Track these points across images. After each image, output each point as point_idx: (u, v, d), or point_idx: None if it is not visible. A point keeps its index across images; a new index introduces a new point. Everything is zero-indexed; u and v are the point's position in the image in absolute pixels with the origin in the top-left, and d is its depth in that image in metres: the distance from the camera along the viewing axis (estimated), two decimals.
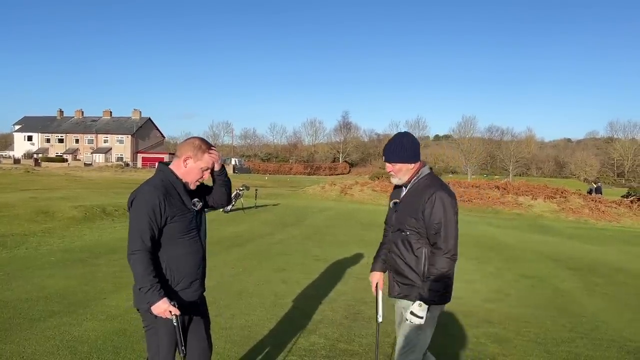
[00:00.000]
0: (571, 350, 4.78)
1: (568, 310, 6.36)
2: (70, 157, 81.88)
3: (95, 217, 12.79)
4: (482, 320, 5.66)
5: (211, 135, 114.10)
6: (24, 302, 5.46)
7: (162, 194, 2.55)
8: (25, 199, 15.25)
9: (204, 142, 2.74)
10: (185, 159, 2.67)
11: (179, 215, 2.61)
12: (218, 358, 4.10)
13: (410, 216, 2.94)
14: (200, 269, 2.77)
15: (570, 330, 5.42)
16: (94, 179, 36.99)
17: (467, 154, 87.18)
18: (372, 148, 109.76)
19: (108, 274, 7.06)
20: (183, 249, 2.65)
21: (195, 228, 2.74)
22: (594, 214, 22.62)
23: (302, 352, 4.37)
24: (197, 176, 2.70)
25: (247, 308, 5.67)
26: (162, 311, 2.44)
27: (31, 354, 4.02)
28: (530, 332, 5.29)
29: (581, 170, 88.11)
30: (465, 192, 26.35)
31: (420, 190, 2.96)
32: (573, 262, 10.33)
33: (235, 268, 7.86)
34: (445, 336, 5.04)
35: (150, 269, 2.46)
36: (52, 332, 4.55)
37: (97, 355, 4.06)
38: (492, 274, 8.59)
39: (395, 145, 3.05)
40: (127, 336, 4.51)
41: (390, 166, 3.05)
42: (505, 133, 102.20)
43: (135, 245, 2.48)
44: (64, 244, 9.31)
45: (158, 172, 2.71)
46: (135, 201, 2.55)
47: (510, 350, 4.68)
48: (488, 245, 12.03)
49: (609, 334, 5.36)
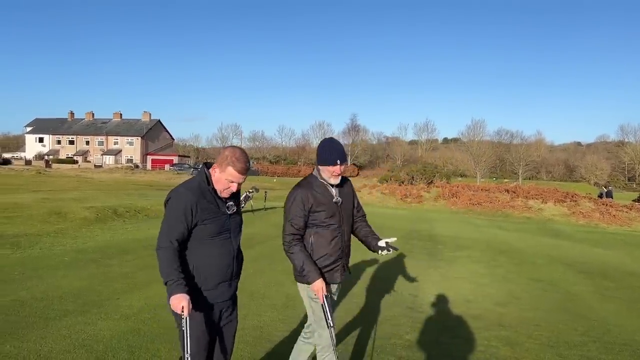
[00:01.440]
0: (583, 354, 4.77)
1: (579, 314, 6.34)
2: (81, 158, 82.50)
3: (107, 218, 12.91)
4: (493, 323, 5.66)
5: (220, 137, 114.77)
6: (39, 301, 5.53)
7: (197, 196, 2.62)
8: (37, 200, 15.42)
9: (233, 154, 2.72)
10: (215, 167, 2.73)
11: (212, 217, 2.68)
12: (232, 358, 4.12)
13: (351, 207, 3.55)
14: (230, 270, 2.82)
15: (582, 334, 5.41)
16: (105, 180, 37.28)
17: (476, 157, 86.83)
18: (380, 151, 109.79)
19: (121, 274, 7.13)
20: (211, 250, 2.70)
21: (228, 230, 2.79)
22: (604, 218, 22.46)
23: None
24: (223, 186, 2.73)
25: (259, 309, 5.71)
26: (176, 304, 2.45)
27: (47, 352, 4.08)
28: (542, 335, 5.29)
29: (591, 174, 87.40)
30: (474, 195, 26.26)
31: (346, 186, 3.53)
32: (584, 266, 10.28)
33: (246, 269, 7.87)
34: (455, 339, 5.06)
35: (176, 264, 2.51)
36: (67, 331, 4.62)
37: (112, 354, 4.12)
38: (503, 277, 8.56)
39: (341, 149, 3.37)
40: (141, 335, 4.57)
41: (343, 167, 3.33)
42: (515, 136, 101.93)
43: (164, 242, 2.55)
44: (76, 245, 9.41)
45: (198, 174, 2.78)
46: (170, 201, 2.63)
47: (522, 354, 4.68)
48: (498, 249, 12.00)
49: (621, 338, 5.34)
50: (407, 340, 4.93)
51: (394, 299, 6.52)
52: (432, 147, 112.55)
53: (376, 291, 6.88)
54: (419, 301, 6.50)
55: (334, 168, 3.29)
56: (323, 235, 3.34)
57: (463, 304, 6.49)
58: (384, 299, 6.53)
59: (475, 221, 20.25)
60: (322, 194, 3.34)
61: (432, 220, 19.33)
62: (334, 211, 3.35)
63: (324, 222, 3.33)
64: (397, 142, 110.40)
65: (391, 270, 8.44)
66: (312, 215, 3.31)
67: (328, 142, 3.39)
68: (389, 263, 8.99)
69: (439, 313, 5.99)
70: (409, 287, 7.26)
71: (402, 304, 6.30)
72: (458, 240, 13.21)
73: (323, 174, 3.35)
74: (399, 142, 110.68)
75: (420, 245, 11.72)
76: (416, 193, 27.53)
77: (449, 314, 5.98)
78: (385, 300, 6.46)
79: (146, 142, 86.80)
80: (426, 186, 29.74)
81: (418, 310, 6.02)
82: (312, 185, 3.36)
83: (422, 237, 13.40)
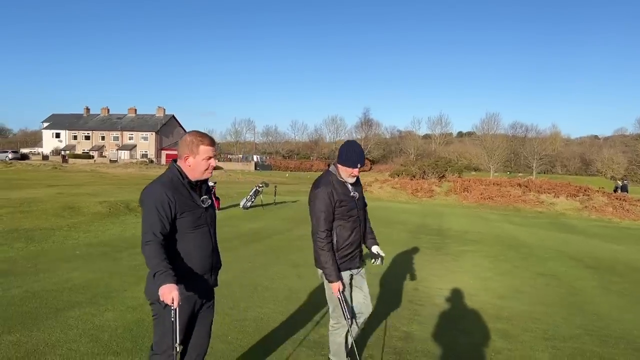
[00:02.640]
0: (577, 346, 4.83)
1: (581, 308, 6.38)
2: (97, 153, 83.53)
3: (119, 213, 13.16)
4: (491, 316, 5.73)
5: (233, 132, 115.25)
6: (50, 292, 5.73)
7: (171, 190, 2.72)
8: (52, 194, 15.76)
9: (196, 136, 2.87)
10: (186, 158, 2.84)
11: (188, 210, 2.77)
12: (230, 347, 4.28)
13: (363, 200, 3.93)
14: (209, 261, 2.92)
15: (579, 327, 5.46)
16: (119, 175, 37.79)
17: (489, 151, 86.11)
18: (393, 145, 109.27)
19: (129, 267, 7.32)
20: (191, 243, 2.81)
21: (205, 223, 2.90)
22: (618, 213, 22.23)
23: (311, 344, 4.52)
24: (204, 167, 2.86)
25: (261, 301, 5.85)
26: (166, 293, 2.49)
27: (55, 341, 4.26)
28: (539, 328, 5.35)
29: (608, 168, 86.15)
30: (486, 189, 26.16)
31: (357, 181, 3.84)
32: (592, 260, 10.26)
33: (252, 263, 8.06)
34: (452, 331, 5.16)
35: (163, 256, 2.59)
36: (75, 321, 4.80)
37: (116, 343, 4.28)
38: (509, 271, 8.60)
39: (362, 152, 3.71)
40: (145, 326, 4.72)
41: (357, 171, 3.69)
42: (530, 130, 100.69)
43: (148, 237, 2.64)
44: (88, 238, 9.64)
45: (168, 170, 2.87)
46: (145, 197, 2.72)
47: (516, 346, 4.75)
48: (506, 244, 12.01)
49: (618, 332, 5.39)
50: (404, 332, 5.03)
51: (395, 292, 6.61)
52: (446, 141, 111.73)
53: (377, 283, 6.98)
54: (420, 294, 6.59)
55: (352, 170, 3.66)
56: (345, 227, 3.66)
57: (464, 297, 6.56)
58: (385, 291, 6.63)
59: (486, 215, 20.20)
60: (342, 190, 3.67)
61: (442, 214, 19.33)
62: (353, 205, 3.70)
63: (346, 215, 3.65)
64: (411, 136, 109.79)
65: (395, 263, 8.53)
66: (336, 210, 3.61)
67: (351, 145, 3.74)
68: (394, 256, 9.07)
69: (438, 306, 6.07)
70: (411, 281, 7.35)
71: (403, 296, 6.39)
72: (466, 235, 13.23)
73: (341, 172, 3.68)
74: (413, 136, 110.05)
75: (427, 240, 11.77)
76: (427, 187, 27.49)
77: (449, 307, 6.06)
78: (386, 292, 6.56)
79: (160, 137, 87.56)
80: (438, 180, 29.68)
81: (418, 303, 6.11)
82: (332, 183, 3.66)
83: (431, 232, 13.45)
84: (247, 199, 16.97)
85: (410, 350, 4.51)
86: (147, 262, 2.62)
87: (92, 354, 4.02)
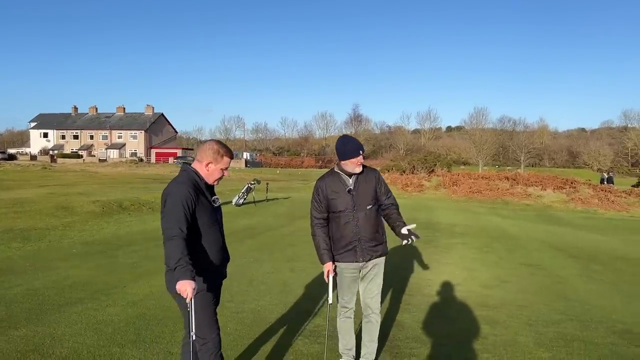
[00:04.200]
0: (559, 330, 5.09)
1: (563, 295, 6.66)
2: (85, 153, 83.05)
3: (113, 212, 13.28)
4: (477, 304, 5.98)
5: (223, 129, 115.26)
6: (51, 290, 5.90)
7: (192, 189, 2.95)
8: (44, 194, 15.82)
9: (222, 147, 3.14)
10: (207, 164, 3.07)
11: (204, 210, 3.01)
12: (230, 338, 4.48)
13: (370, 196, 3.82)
14: (222, 255, 3.20)
15: (561, 313, 5.73)
16: (110, 174, 37.70)
17: (478, 145, 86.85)
18: (383, 140, 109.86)
19: (127, 264, 7.49)
20: (209, 239, 3.05)
21: (217, 221, 3.15)
22: (603, 204, 22.69)
23: (307, 333, 4.74)
24: (218, 175, 3.13)
25: (257, 294, 6.06)
26: (183, 289, 2.68)
27: (61, 334, 4.44)
28: (523, 315, 5.61)
29: (594, 160, 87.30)
30: (474, 183, 26.53)
31: (369, 176, 3.87)
32: (575, 250, 10.59)
33: (247, 258, 8.26)
34: (441, 318, 5.41)
35: (185, 251, 2.76)
36: (78, 316, 4.98)
37: (120, 335, 4.47)
38: (494, 262, 8.88)
39: (357, 142, 3.81)
40: (147, 320, 4.92)
41: (361, 158, 3.76)
42: (518, 123, 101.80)
43: (173, 231, 2.79)
44: (83, 237, 9.79)
45: (183, 172, 3.10)
46: (171, 195, 2.91)
47: (501, 331, 5.01)
48: (493, 236, 12.31)
49: (598, 317, 5.66)
50: (395, 320, 5.27)
51: (387, 284, 6.81)
52: (435, 135, 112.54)
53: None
54: (410, 285, 6.84)
55: (357, 159, 3.74)
56: (337, 220, 3.78)
57: (451, 287, 6.82)
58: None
59: (475, 209, 20.54)
60: (337, 184, 3.80)
61: (432, 208, 19.63)
62: (346, 200, 3.75)
63: (337, 209, 3.77)
64: (400, 132, 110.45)
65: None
66: (329, 203, 3.78)
67: (347, 138, 3.86)
68: None
69: (427, 296, 6.32)
70: (400, 272, 7.60)
71: (394, 288, 6.63)
72: (455, 228, 13.52)
73: (346, 167, 3.77)
74: (402, 132, 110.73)
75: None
76: (417, 182, 27.80)
77: (437, 296, 6.31)
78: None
79: (150, 135, 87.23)
80: (427, 175, 30.01)
81: (408, 294, 6.36)
82: (327, 177, 3.87)
83: (420, 225, 13.55)
84: (240, 196, 17.14)
85: (401, 338, 4.74)
86: (170, 254, 2.76)
87: (97, 346, 4.21)
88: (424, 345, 4.56)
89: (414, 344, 4.56)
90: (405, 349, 4.45)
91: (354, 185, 3.78)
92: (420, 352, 4.38)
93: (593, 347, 4.63)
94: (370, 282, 3.89)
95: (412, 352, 4.36)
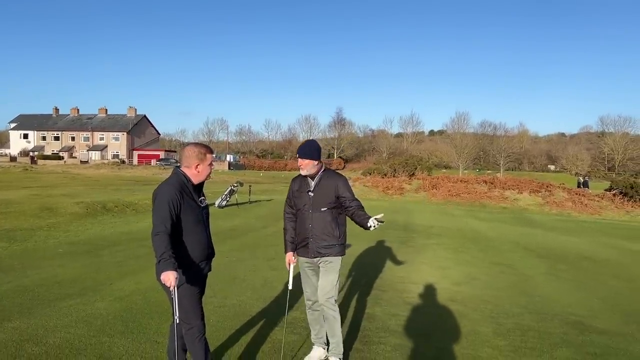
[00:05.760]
0: (518, 322, 5.53)
1: (526, 291, 7.11)
2: (67, 154, 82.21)
3: (97, 213, 13.47)
4: (446, 299, 6.40)
5: (206, 132, 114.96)
6: (40, 287, 6.15)
7: (178, 190, 3.29)
8: (28, 196, 15.92)
9: (202, 147, 3.50)
10: (197, 166, 3.42)
11: (190, 209, 3.35)
12: (212, 330, 4.79)
13: (328, 199, 4.09)
14: (208, 251, 3.54)
15: (523, 307, 6.17)
16: (92, 176, 37.57)
17: (458, 149, 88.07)
18: (366, 144, 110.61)
19: (112, 263, 7.75)
20: (195, 236, 3.39)
21: (202, 220, 3.50)
22: (576, 207, 23.45)
23: (285, 325, 5.08)
24: (207, 172, 3.50)
25: (239, 290, 6.39)
26: (166, 279, 3.04)
27: (53, 326, 4.72)
28: (487, 308, 6.04)
29: (572, 165, 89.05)
30: (453, 187, 27.13)
31: (330, 181, 4.12)
32: (545, 251, 11.11)
33: (229, 258, 8.57)
34: (410, 311, 5.81)
35: (169, 246, 3.11)
36: (68, 310, 5.25)
37: (109, 327, 4.77)
38: (467, 261, 9.33)
39: (305, 147, 4.13)
40: (134, 313, 5.22)
41: (300, 161, 4.10)
42: (498, 128, 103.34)
43: (159, 228, 3.15)
44: (69, 238, 9.99)
45: (174, 175, 3.44)
46: (159, 195, 3.26)
47: (465, 323, 5.42)
48: (468, 237, 12.80)
49: (556, 310, 6.11)
50: (367, 313, 5.65)
51: (361, 281, 7.23)
52: (418, 139, 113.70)
53: (345, 274, 7.57)
54: (383, 282, 7.23)
55: (298, 161, 4.14)
56: (299, 217, 4.20)
57: (422, 283, 7.23)
58: (352, 280, 7.25)
59: (452, 211, 21.08)
60: (301, 185, 4.19)
61: (411, 211, 20.11)
62: (306, 200, 4.13)
63: (298, 207, 4.20)
64: (383, 135, 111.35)
65: (362, 255, 9.17)
66: (295, 200, 4.22)
67: (303, 143, 4.19)
68: (361, 250, 9.71)
69: (399, 291, 6.71)
70: (374, 270, 7.99)
71: (368, 284, 7.01)
72: (431, 229, 13.99)
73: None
74: (385, 135, 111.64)
75: (394, 234, 12.45)
76: (398, 185, 28.32)
77: (408, 292, 6.70)
78: (353, 281, 7.18)
79: (132, 137, 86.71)
80: (408, 178, 30.56)
81: (380, 289, 6.75)
82: (297, 177, 4.27)
83: (398, 227, 14.15)
84: (223, 198, 17.40)
85: (371, 328, 5.12)
86: (155, 248, 3.12)
87: (88, 336, 4.50)
88: (392, 334, 4.95)
89: (383, 334, 4.95)
90: (375, 337, 4.83)
91: (314, 188, 4.11)
92: (388, 340, 4.76)
93: (546, 336, 5.07)
94: (322, 278, 4.15)
95: (381, 341, 4.74)
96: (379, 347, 4.60)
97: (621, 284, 8.04)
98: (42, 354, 4.05)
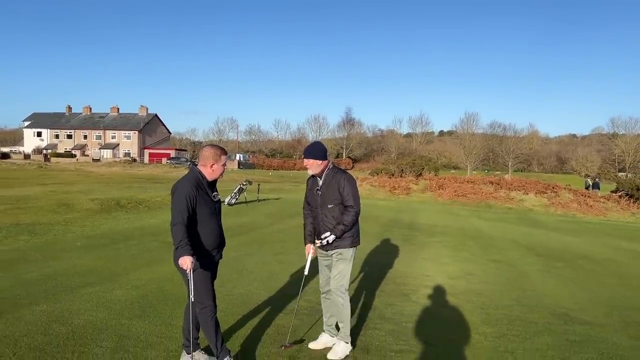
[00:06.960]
0: (506, 313, 5.90)
1: (519, 286, 7.47)
2: (79, 152, 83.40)
3: (111, 209, 13.98)
4: (442, 292, 6.79)
5: (216, 131, 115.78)
6: (62, 276, 6.62)
7: (194, 186, 3.74)
8: (45, 192, 16.49)
9: (218, 148, 3.95)
10: (212, 165, 3.86)
11: (205, 203, 3.79)
12: (221, 315, 5.19)
13: (333, 197, 4.45)
14: (219, 240, 3.97)
15: (514, 300, 6.54)
16: (105, 174, 38.28)
17: (467, 150, 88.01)
18: (375, 144, 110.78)
19: (128, 256, 8.22)
20: (209, 227, 3.83)
21: (215, 213, 3.94)
22: (582, 208, 23.64)
23: (288, 311, 5.51)
24: (221, 170, 3.94)
25: (246, 281, 6.82)
26: (184, 262, 3.48)
27: (77, 310, 5.18)
28: (479, 301, 6.42)
29: (582, 166, 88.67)
30: (460, 187, 27.40)
31: (334, 180, 4.48)
32: (544, 250, 11.43)
33: (238, 252, 9.00)
34: (407, 302, 6.20)
35: (185, 235, 3.55)
36: (89, 296, 5.71)
37: (127, 311, 5.22)
38: (466, 258, 9.69)
39: (309, 148, 4.55)
40: (149, 300, 5.66)
41: (305, 161, 4.50)
42: (508, 129, 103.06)
43: (177, 219, 3.58)
44: (85, 232, 10.48)
45: (191, 172, 3.89)
46: (177, 190, 3.71)
47: (457, 313, 5.81)
48: (469, 236, 13.14)
49: (545, 303, 6.47)
50: (366, 303, 6.05)
51: (363, 274, 7.63)
52: (427, 140, 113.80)
53: None
54: (383, 275, 7.63)
55: (304, 161, 4.55)
56: (315, 213, 4.56)
57: (421, 278, 7.62)
58: (355, 274, 7.64)
59: (458, 211, 21.39)
60: (313, 184, 4.59)
61: (416, 210, 20.46)
62: (315, 197, 4.54)
63: (311, 204, 4.61)
64: (392, 135, 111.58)
65: (366, 251, 9.55)
66: (308, 198, 4.64)
67: (310, 145, 4.57)
68: (365, 246, 10.09)
69: (398, 284, 7.11)
70: (376, 265, 8.38)
71: (369, 278, 7.42)
72: (434, 228, 14.35)
73: None
74: (394, 135, 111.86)
75: (398, 232, 12.84)
76: (405, 185, 28.65)
77: (406, 285, 7.09)
78: (356, 275, 7.57)
79: (143, 136, 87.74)
80: (415, 178, 30.87)
81: (380, 282, 7.15)
82: (310, 178, 4.65)
83: (402, 226, 14.53)
84: (232, 196, 17.86)
85: (371, 316, 5.52)
86: (174, 237, 3.56)
87: (108, 318, 4.95)
88: (387, 321, 5.36)
89: (379, 321, 5.36)
90: (371, 324, 5.24)
91: (321, 186, 4.49)
92: (383, 326, 5.18)
93: (531, 325, 5.45)
94: (334, 268, 4.53)
95: (376, 327, 5.16)
96: (374, 332, 5.01)
97: (612, 280, 8.37)
98: (68, 333, 4.50)
